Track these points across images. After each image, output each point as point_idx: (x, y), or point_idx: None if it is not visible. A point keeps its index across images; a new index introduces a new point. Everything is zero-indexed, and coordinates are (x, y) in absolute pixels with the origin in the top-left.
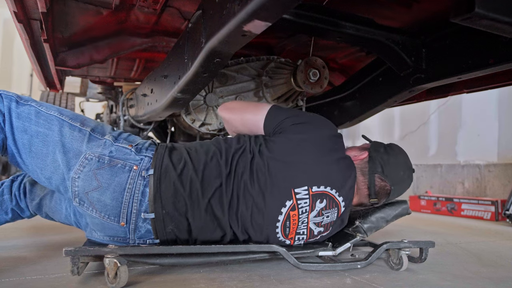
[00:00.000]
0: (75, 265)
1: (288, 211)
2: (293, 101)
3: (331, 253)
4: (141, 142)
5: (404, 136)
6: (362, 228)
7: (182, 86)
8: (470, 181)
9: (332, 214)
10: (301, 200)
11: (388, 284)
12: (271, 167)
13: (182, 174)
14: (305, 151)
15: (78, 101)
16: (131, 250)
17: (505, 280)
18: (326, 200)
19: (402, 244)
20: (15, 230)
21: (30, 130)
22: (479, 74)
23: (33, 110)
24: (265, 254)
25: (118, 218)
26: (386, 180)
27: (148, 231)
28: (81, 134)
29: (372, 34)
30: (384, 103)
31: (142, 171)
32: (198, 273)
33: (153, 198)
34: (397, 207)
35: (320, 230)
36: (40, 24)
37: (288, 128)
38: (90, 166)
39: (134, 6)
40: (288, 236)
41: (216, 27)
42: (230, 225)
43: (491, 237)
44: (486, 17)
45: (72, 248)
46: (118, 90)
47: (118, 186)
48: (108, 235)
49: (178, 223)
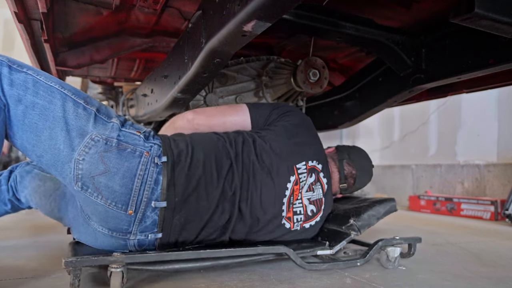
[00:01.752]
0: (77, 278)
1: (293, 186)
2: (293, 101)
3: (329, 252)
4: (147, 130)
5: (404, 136)
6: (356, 226)
7: (182, 86)
8: (469, 181)
9: (318, 190)
10: (301, 174)
11: (388, 284)
12: (273, 147)
13: (193, 159)
14: (300, 132)
15: None
16: (139, 258)
17: (504, 280)
18: (315, 174)
19: (395, 241)
20: (15, 230)
21: (25, 100)
22: (478, 74)
23: (30, 78)
24: (271, 255)
25: (126, 206)
26: (353, 165)
27: (153, 223)
28: (86, 112)
29: (372, 34)
30: (384, 103)
31: (155, 158)
32: (198, 272)
33: (167, 186)
34: (386, 204)
35: (313, 210)
36: (40, 24)
37: (278, 118)
38: (96, 148)
39: (134, 7)
40: (286, 216)
41: (216, 27)
42: (240, 206)
43: (491, 237)
44: (486, 17)
45: (73, 258)
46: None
47: (128, 171)
48: (108, 227)
49: (188, 210)
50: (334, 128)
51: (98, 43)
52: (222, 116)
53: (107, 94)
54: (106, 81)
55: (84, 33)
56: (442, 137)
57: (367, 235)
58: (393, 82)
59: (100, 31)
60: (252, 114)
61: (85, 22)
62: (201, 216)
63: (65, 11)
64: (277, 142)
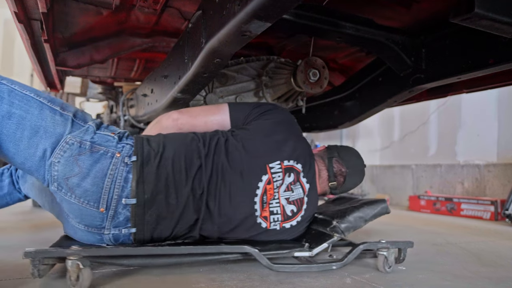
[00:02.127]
0: (35, 268)
1: (265, 185)
2: (293, 101)
3: (308, 254)
4: (122, 131)
5: (404, 136)
6: (339, 228)
7: (182, 86)
8: (469, 181)
9: (297, 190)
10: (275, 174)
11: (388, 284)
12: (246, 146)
13: (162, 158)
14: (279, 130)
15: (78, 101)
16: (96, 251)
17: (504, 280)
18: (293, 174)
19: (379, 245)
20: (15, 230)
21: (1, 111)
22: (478, 74)
23: (5, 88)
24: (238, 255)
25: (98, 204)
26: (343, 163)
27: (126, 219)
28: (63, 118)
29: (372, 34)
30: (384, 103)
31: (125, 158)
32: (198, 272)
33: (136, 183)
34: (376, 206)
35: (293, 209)
36: (40, 24)
37: (258, 116)
38: (71, 151)
39: (134, 7)
40: (262, 215)
41: (216, 27)
42: (208, 205)
43: (491, 237)
44: (486, 17)
45: (32, 249)
46: (118, 90)
47: (100, 171)
48: (84, 223)
49: (159, 207)
50: (334, 128)
51: (98, 43)
52: (204, 116)
53: (107, 94)
54: (106, 81)
55: (84, 33)
56: (442, 137)
57: (366, 237)
58: (393, 82)
59: (100, 31)
60: (231, 113)
61: (85, 22)
62: (172, 213)
63: (65, 11)
64: (251, 141)
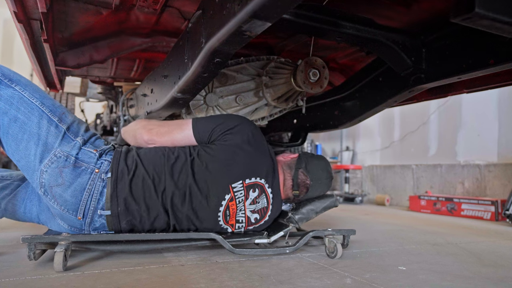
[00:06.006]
0: (31, 251)
1: (227, 203)
2: (293, 101)
3: (266, 241)
4: (104, 147)
5: (404, 136)
6: (293, 218)
7: (182, 86)
8: (470, 181)
9: (262, 200)
10: (237, 192)
11: (388, 284)
12: (210, 168)
13: (135, 176)
14: (241, 152)
15: (78, 101)
16: (82, 237)
17: (505, 280)
18: (258, 189)
19: (326, 232)
20: (15, 230)
21: (10, 114)
22: (479, 74)
23: (16, 94)
24: (206, 241)
25: (76, 213)
26: (308, 175)
27: (102, 225)
28: (57, 130)
29: (372, 34)
30: (384, 103)
31: (102, 174)
32: (198, 273)
33: (110, 197)
34: (326, 200)
35: (256, 217)
36: (40, 24)
37: (220, 137)
38: (57, 163)
39: (134, 6)
40: (228, 223)
41: (216, 27)
42: (176, 217)
43: (491, 237)
44: (486, 17)
45: (29, 235)
46: (118, 90)
47: (79, 186)
48: (67, 224)
49: (133, 218)
50: (334, 128)
51: (98, 43)
52: (169, 135)
53: (107, 94)
54: (106, 81)
55: (84, 33)
56: (443, 137)
57: (365, 236)
58: (393, 82)
59: (100, 31)
60: (194, 130)
61: (85, 22)
62: (143, 224)
63: (65, 10)
64: (213, 163)
